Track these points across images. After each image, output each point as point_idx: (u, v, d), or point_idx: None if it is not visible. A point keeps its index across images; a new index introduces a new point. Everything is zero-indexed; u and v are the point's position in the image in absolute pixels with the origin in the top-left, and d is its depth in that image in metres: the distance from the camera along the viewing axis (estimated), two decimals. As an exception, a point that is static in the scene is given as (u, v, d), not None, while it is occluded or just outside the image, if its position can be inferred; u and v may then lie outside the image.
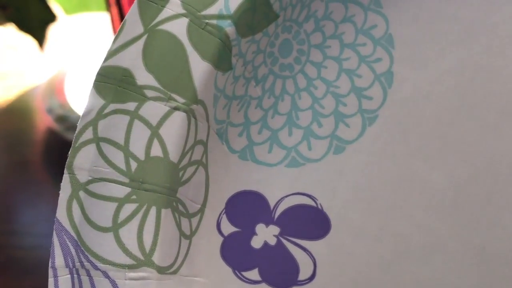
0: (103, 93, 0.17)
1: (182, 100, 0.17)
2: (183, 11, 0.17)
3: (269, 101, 0.20)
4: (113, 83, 0.17)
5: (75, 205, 0.17)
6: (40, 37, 0.39)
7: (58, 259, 0.17)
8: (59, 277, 0.17)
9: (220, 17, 0.17)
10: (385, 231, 0.20)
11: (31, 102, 0.46)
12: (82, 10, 0.43)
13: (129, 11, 0.17)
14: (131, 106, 0.17)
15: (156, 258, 0.17)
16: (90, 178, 0.17)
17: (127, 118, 0.17)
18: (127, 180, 0.17)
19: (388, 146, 0.20)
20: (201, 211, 0.19)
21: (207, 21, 0.17)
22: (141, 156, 0.17)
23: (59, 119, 0.41)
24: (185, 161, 0.18)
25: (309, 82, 0.20)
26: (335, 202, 0.21)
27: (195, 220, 0.19)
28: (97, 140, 0.17)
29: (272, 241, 0.21)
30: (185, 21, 0.17)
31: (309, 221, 0.21)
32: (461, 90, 0.20)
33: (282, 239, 0.21)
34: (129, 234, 0.17)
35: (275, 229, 0.21)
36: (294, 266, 0.20)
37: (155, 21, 0.17)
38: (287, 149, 0.21)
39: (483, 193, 0.20)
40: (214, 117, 0.19)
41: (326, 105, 0.20)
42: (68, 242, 0.17)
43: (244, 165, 0.20)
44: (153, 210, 0.17)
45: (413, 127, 0.20)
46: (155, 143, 0.17)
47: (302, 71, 0.20)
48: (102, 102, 0.17)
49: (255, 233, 0.20)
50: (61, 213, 0.17)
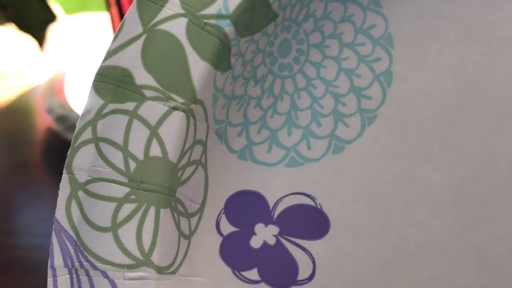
0: (102, 93, 0.17)
1: (181, 100, 0.17)
2: (182, 11, 0.17)
3: (268, 101, 0.20)
4: (112, 83, 0.17)
5: (74, 205, 0.17)
6: (40, 37, 0.39)
7: (57, 259, 0.17)
8: (58, 277, 0.17)
9: (219, 16, 0.17)
10: (384, 231, 0.20)
11: (31, 102, 0.46)
12: (82, 10, 0.43)
13: (128, 11, 0.17)
14: (130, 106, 0.17)
15: (155, 258, 0.17)
16: (89, 178, 0.17)
17: (126, 118, 0.17)
18: (126, 180, 0.17)
19: (387, 145, 0.20)
20: (200, 211, 0.19)
21: (206, 21, 0.17)
22: (140, 156, 0.17)
23: (59, 119, 0.41)
24: (184, 161, 0.18)
25: (308, 81, 0.20)
26: (334, 201, 0.20)
27: (194, 220, 0.19)
28: (96, 140, 0.17)
29: (271, 241, 0.21)
30: (184, 21, 0.17)
31: (309, 221, 0.20)
32: (460, 89, 0.20)
33: (281, 239, 0.21)
34: (128, 234, 0.17)
35: (274, 229, 0.21)
36: (293, 265, 0.20)
37: (154, 21, 0.17)
38: (286, 149, 0.20)
39: (483, 193, 0.20)
40: (213, 117, 0.19)
41: (325, 104, 0.20)
42: (67, 242, 0.17)
43: (243, 165, 0.20)
44: (152, 210, 0.17)
45: (412, 127, 0.20)
46: (154, 143, 0.17)
47: (301, 71, 0.20)
48: (101, 102, 0.17)
49: (254, 233, 0.20)
50: (60, 213, 0.17)
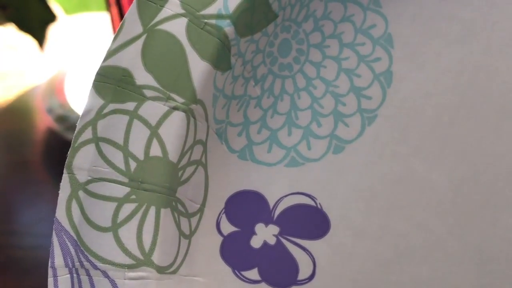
0: (102, 93, 0.17)
1: (181, 100, 0.17)
2: (182, 11, 0.17)
3: (268, 101, 0.20)
4: (112, 83, 0.17)
5: (74, 205, 0.17)
6: (40, 37, 0.39)
7: (57, 259, 0.17)
8: (58, 277, 0.17)
9: (219, 16, 0.17)
10: (384, 230, 0.20)
11: (31, 102, 0.46)
12: (82, 10, 0.43)
13: (128, 11, 0.17)
14: (130, 106, 0.17)
15: (155, 257, 0.17)
16: (89, 178, 0.17)
17: (126, 118, 0.17)
18: (126, 180, 0.17)
19: (387, 145, 0.20)
20: (201, 210, 0.19)
21: (206, 20, 0.17)
22: (141, 156, 0.17)
23: (59, 119, 0.41)
24: (185, 161, 0.18)
25: (308, 81, 0.20)
26: (334, 201, 0.20)
27: (194, 219, 0.19)
28: (97, 140, 0.17)
29: (271, 241, 0.21)
30: (184, 21, 0.17)
31: (309, 221, 0.21)
32: (460, 89, 0.20)
33: (281, 239, 0.21)
34: (128, 234, 0.17)
35: (274, 229, 0.21)
36: (293, 265, 0.20)
37: (154, 21, 0.17)
38: (286, 148, 0.20)
39: (483, 193, 0.20)
40: (213, 117, 0.19)
41: (325, 104, 0.20)
42: (67, 242, 0.17)
43: (243, 164, 0.20)
44: (153, 210, 0.17)
45: (412, 127, 0.20)
46: (154, 143, 0.17)
47: (301, 71, 0.20)
48: (101, 102, 0.17)
49: (254, 233, 0.20)
50: (60, 213, 0.17)
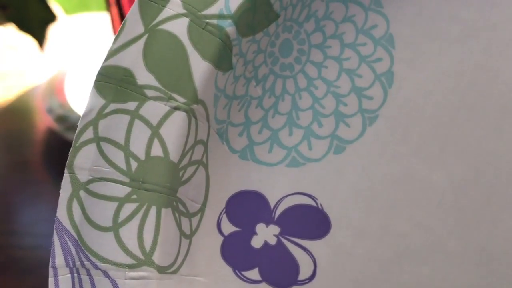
0: (103, 93, 0.17)
1: (182, 100, 0.17)
2: (183, 11, 0.17)
3: (270, 101, 0.20)
4: (114, 82, 0.17)
5: (75, 204, 0.17)
6: (40, 37, 0.39)
7: (58, 258, 0.17)
8: (59, 277, 0.17)
9: (220, 17, 0.17)
10: (385, 230, 0.20)
11: (31, 102, 0.46)
12: (82, 10, 0.43)
13: (129, 11, 0.17)
14: (131, 105, 0.17)
15: (156, 257, 0.17)
16: (90, 177, 0.17)
17: (127, 117, 0.17)
18: (127, 179, 0.17)
19: (388, 146, 0.20)
20: (202, 210, 0.19)
21: (207, 21, 0.17)
22: (142, 155, 0.17)
23: (59, 119, 0.41)
24: (186, 160, 0.18)
25: (309, 82, 0.20)
26: (335, 202, 0.21)
27: (195, 219, 0.19)
28: (98, 139, 0.17)
29: (272, 241, 0.21)
30: (185, 21, 0.17)
31: (310, 221, 0.21)
32: (461, 90, 0.20)
33: (282, 239, 0.21)
34: (129, 233, 0.17)
35: (275, 229, 0.21)
36: (294, 265, 0.20)
37: (155, 21, 0.17)
38: (287, 149, 0.21)
39: (483, 193, 0.20)
40: (214, 117, 0.19)
41: (326, 105, 0.20)
42: (68, 241, 0.17)
43: (244, 164, 0.20)
44: (153, 209, 0.17)
45: (413, 127, 0.20)
46: (156, 142, 0.17)
47: (302, 71, 0.20)
48: (102, 101, 0.17)
49: (255, 233, 0.20)
50: (61, 213, 0.17)
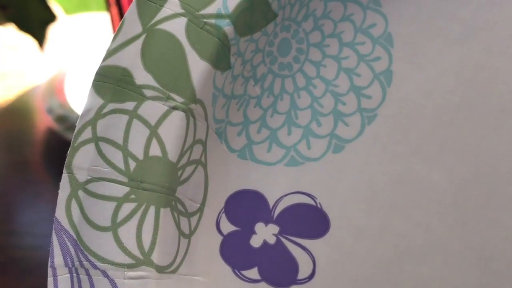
0: (102, 93, 0.17)
1: (180, 99, 0.17)
2: (181, 11, 0.17)
3: (268, 100, 0.20)
4: (112, 82, 0.17)
5: (74, 204, 0.17)
6: (40, 37, 0.39)
7: (57, 258, 0.17)
8: (58, 276, 0.17)
9: (218, 16, 0.17)
10: (384, 230, 0.20)
11: (31, 102, 0.46)
12: (82, 10, 0.43)
13: (127, 11, 0.17)
14: (129, 105, 0.17)
15: (155, 257, 0.17)
16: (89, 177, 0.17)
17: (126, 117, 0.17)
18: (126, 179, 0.17)
19: (387, 145, 0.20)
20: (200, 210, 0.19)
21: (205, 20, 0.17)
22: (140, 155, 0.17)
23: (59, 119, 0.41)
24: (184, 160, 0.18)
25: (308, 81, 0.20)
26: (334, 201, 0.20)
27: (194, 219, 0.19)
28: (96, 139, 0.17)
29: (271, 240, 0.21)
30: (183, 21, 0.17)
31: (309, 220, 0.20)
32: (460, 89, 0.20)
33: (281, 238, 0.21)
34: (128, 233, 0.17)
35: (274, 228, 0.21)
36: (293, 265, 0.20)
37: (153, 21, 0.17)
38: (286, 148, 0.20)
39: (483, 193, 0.20)
40: (213, 117, 0.19)
41: (325, 104, 0.20)
42: (67, 241, 0.17)
43: (243, 164, 0.20)
44: (152, 209, 0.17)
45: (412, 126, 0.20)
46: (154, 142, 0.17)
47: (301, 70, 0.20)
48: (101, 101, 0.17)
49: (254, 232, 0.20)
50: (60, 213, 0.17)
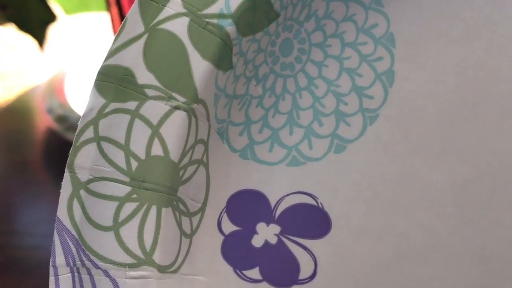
0: (104, 92, 0.17)
1: (182, 99, 0.17)
2: (183, 10, 0.17)
3: (270, 100, 0.20)
4: (114, 82, 0.17)
5: (76, 204, 0.17)
6: (40, 37, 0.39)
7: (59, 257, 0.17)
8: (60, 276, 0.17)
9: (220, 16, 0.17)
10: (385, 230, 0.20)
11: (31, 102, 0.46)
12: (82, 10, 0.43)
13: (130, 10, 0.17)
14: (131, 105, 0.17)
15: (156, 257, 0.17)
16: (91, 177, 0.17)
17: (127, 117, 0.17)
18: (127, 179, 0.17)
19: (389, 145, 0.20)
20: (202, 210, 0.19)
21: (207, 20, 0.17)
22: (142, 155, 0.17)
23: (59, 119, 0.41)
24: (186, 160, 0.18)
25: (310, 81, 0.20)
26: (336, 201, 0.20)
27: (195, 219, 0.19)
28: (98, 139, 0.17)
29: (272, 240, 0.21)
30: (185, 20, 0.17)
31: (310, 220, 0.21)
32: (462, 89, 0.20)
33: (282, 238, 0.21)
34: (129, 233, 0.17)
35: (275, 228, 0.21)
36: (294, 265, 0.20)
37: (156, 20, 0.17)
38: (288, 148, 0.20)
39: (484, 193, 0.20)
40: (214, 116, 0.19)
41: (327, 104, 0.20)
42: (69, 241, 0.17)
43: (245, 164, 0.20)
44: (154, 209, 0.17)
45: (414, 126, 0.20)
46: (156, 142, 0.17)
47: (303, 70, 0.20)
48: (103, 101, 0.17)
49: (256, 232, 0.20)
50: (62, 212, 0.17)
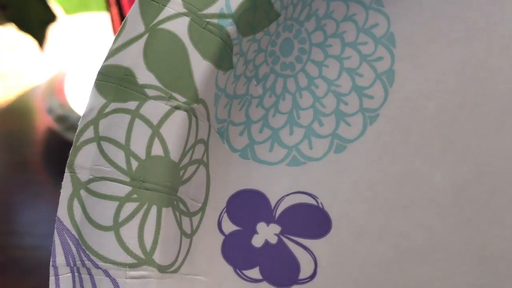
0: (104, 92, 0.17)
1: (183, 99, 0.17)
2: (184, 10, 0.17)
3: (270, 100, 0.20)
4: (114, 82, 0.17)
5: (76, 204, 0.17)
6: (40, 37, 0.39)
7: (59, 257, 0.17)
8: (60, 276, 0.17)
9: (221, 16, 0.17)
10: (386, 230, 0.20)
11: (31, 102, 0.46)
12: (82, 10, 0.43)
13: (130, 10, 0.17)
14: (132, 105, 0.17)
15: (157, 257, 0.17)
16: (91, 177, 0.17)
17: (128, 117, 0.17)
18: (128, 179, 0.17)
19: (389, 145, 0.20)
20: (202, 210, 0.19)
21: (208, 20, 0.17)
22: (142, 155, 0.17)
23: (59, 119, 0.41)
24: (186, 160, 0.18)
25: (310, 81, 0.20)
26: (336, 201, 0.20)
27: (196, 219, 0.19)
28: (98, 139, 0.17)
29: (273, 240, 0.21)
30: (186, 20, 0.17)
31: (310, 220, 0.21)
32: (462, 89, 0.20)
33: (283, 238, 0.21)
34: (130, 233, 0.17)
35: (276, 228, 0.21)
36: (295, 264, 0.20)
37: (156, 20, 0.17)
38: (288, 148, 0.20)
39: (484, 193, 0.20)
40: (215, 116, 0.19)
41: (327, 104, 0.20)
42: (69, 240, 0.17)
43: (245, 164, 0.20)
44: (154, 209, 0.17)
45: (414, 126, 0.20)
46: (156, 142, 0.17)
47: (303, 70, 0.20)
48: (103, 101, 0.17)
49: (256, 232, 0.20)
50: (62, 212, 0.17)
